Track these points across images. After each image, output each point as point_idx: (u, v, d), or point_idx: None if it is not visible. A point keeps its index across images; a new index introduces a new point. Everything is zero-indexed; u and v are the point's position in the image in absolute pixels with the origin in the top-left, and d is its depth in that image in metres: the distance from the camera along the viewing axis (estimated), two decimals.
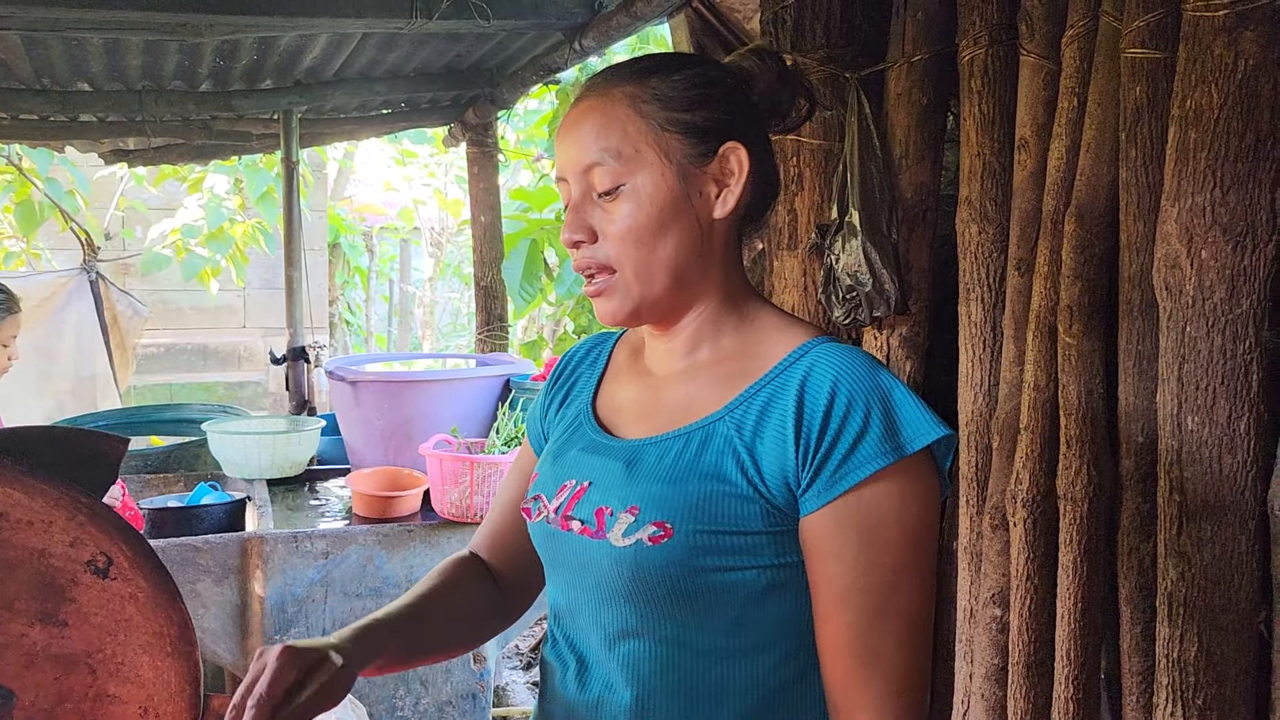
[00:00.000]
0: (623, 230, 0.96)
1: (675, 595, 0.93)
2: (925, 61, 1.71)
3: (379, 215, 10.17)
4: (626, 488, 0.96)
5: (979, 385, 1.65)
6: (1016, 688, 1.52)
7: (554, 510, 1.03)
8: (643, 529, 0.93)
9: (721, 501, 0.92)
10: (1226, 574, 1.27)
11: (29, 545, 1.13)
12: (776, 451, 0.92)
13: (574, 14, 2.95)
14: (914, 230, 1.75)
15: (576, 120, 0.99)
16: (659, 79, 0.98)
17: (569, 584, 1.03)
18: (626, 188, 0.96)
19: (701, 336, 1.02)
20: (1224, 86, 1.21)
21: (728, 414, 0.96)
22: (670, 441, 0.97)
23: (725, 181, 0.98)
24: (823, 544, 0.90)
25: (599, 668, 1.00)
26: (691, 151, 0.96)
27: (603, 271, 0.98)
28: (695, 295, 1.00)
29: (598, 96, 0.99)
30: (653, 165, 0.96)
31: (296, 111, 3.98)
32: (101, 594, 1.15)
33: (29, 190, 5.44)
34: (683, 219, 0.96)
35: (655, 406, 1.03)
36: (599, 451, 1.03)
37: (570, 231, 0.98)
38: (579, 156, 0.98)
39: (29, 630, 1.14)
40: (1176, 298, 1.28)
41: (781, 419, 0.93)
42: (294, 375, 4.03)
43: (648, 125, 0.96)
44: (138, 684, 1.16)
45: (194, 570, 2.48)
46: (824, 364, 0.94)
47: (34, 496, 1.13)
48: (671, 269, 0.97)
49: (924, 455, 0.91)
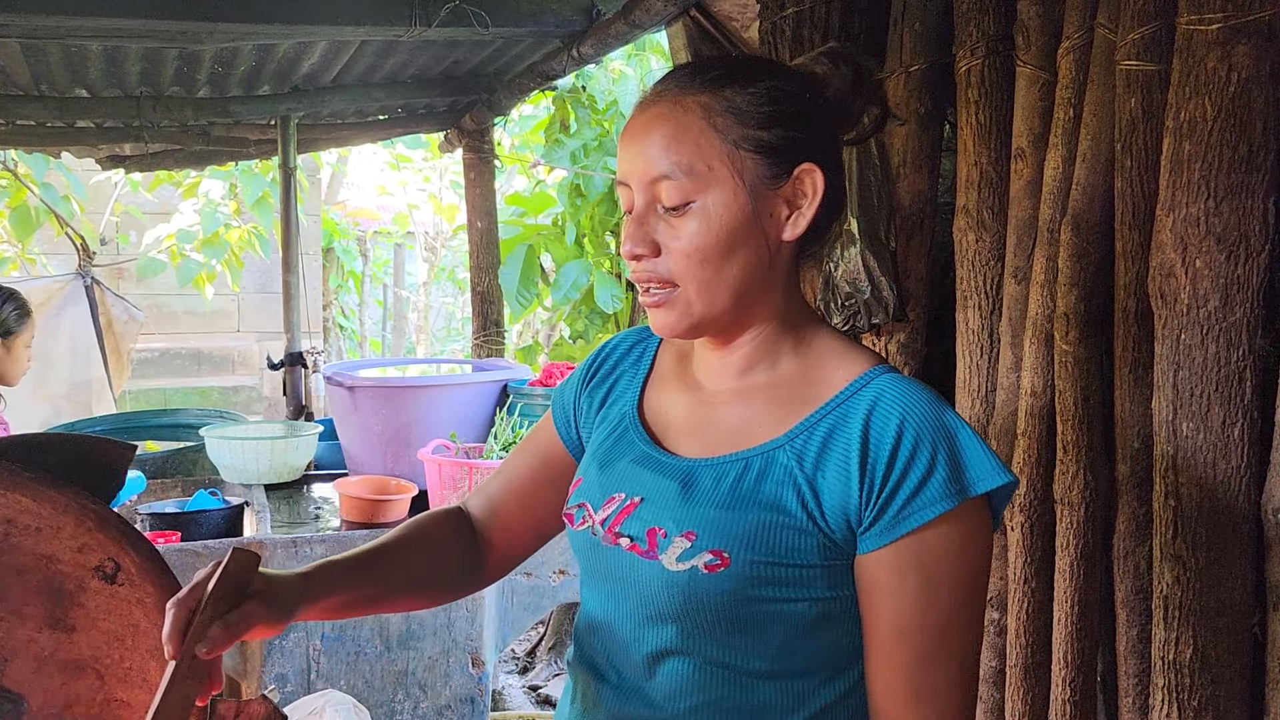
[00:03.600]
0: (689, 249, 0.92)
1: (725, 622, 0.92)
2: (923, 71, 1.73)
3: (373, 220, 10.15)
4: (682, 510, 0.94)
5: (976, 392, 1.66)
6: (1014, 690, 1.54)
7: (600, 523, 1.00)
8: (699, 556, 0.92)
9: (779, 533, 0.91)
10: (1221, 577, 1.29)
11: (37, 551, 1.14)
12: (839, 487, 0.90)
13: (572, 21, 2.96)
14: (912, 238, 1.77)
15: (645, 127, 0.94)
16: (735, 90, 0.93)
17: (610, 598, 1.01)
18: (696, 205, 0.92)
19: (758, 357, 0.99)
20: (1217, 99, 1.23)
21: (788, 443, 0.94)
22: (728, 465, 0.95)
23: (798, 203, 0.94)
24: (881, 582, 0.89)
25: (637, 684, 0.99)
26: (766, 172, 0.93)
27: (664, 285, 0.95)
28: (755, 315, 0.98)
29: (669, 104, 0.94)
30: (725, 184, 0.92)
31: (294, 117, 3.99)
32: (109, 599, 1.16)
33: (24, 195, 5.43)
34: (752, 241, 0.93)
35: (709, 424, 1.00)
36: (651, 466, 1.00)
37: (633, 244, 0.94)
38: (646, 167, 0.94)
39: (37, 636, 1.15)
40: (1171, 306, 1.30)
41: (845, 453, 0.91)
42: (291, 380, 4.03)
43: (722, 141, 0.92)
44: (145, 689, 1.16)
45: (193, 575, 2.48)
46: (889, 398, 0.91)
47: (42, 502, 1.14)
48: (735, 289, 0.94)
49: (983, 500, 0.90)
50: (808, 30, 1.83)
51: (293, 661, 2.56)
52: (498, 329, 4.54)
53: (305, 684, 2.56)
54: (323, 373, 3.39)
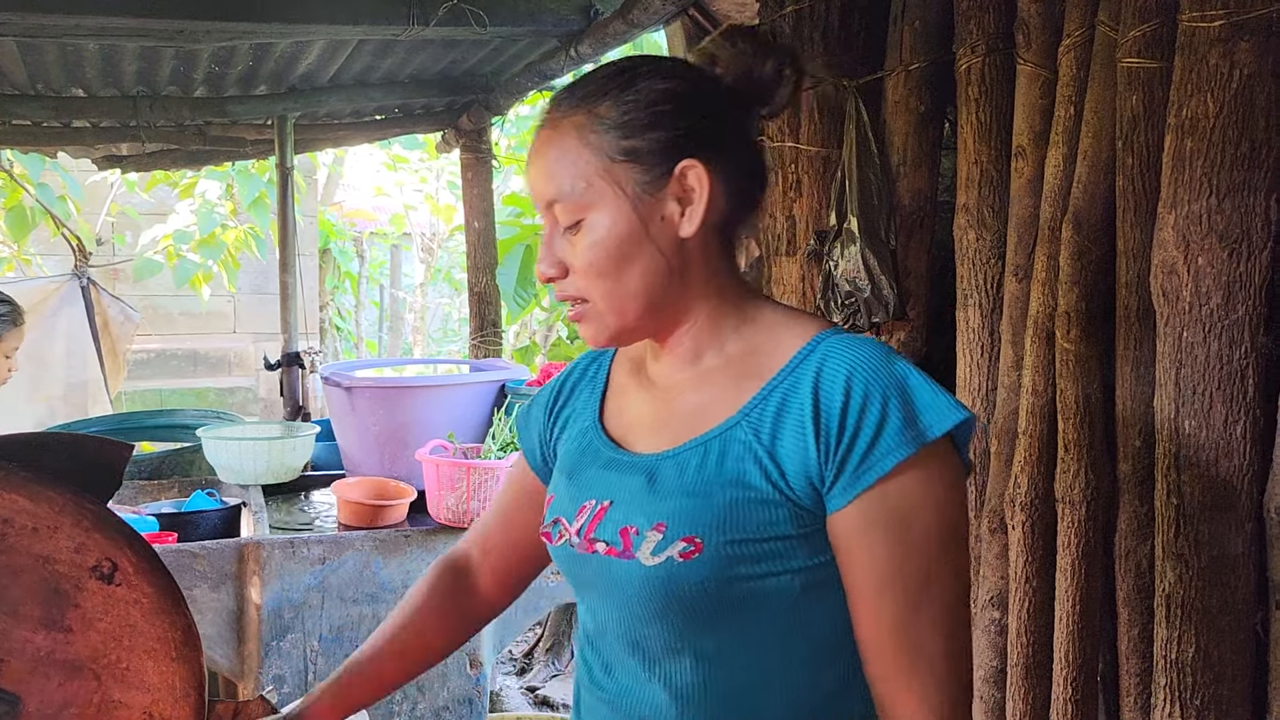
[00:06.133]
0: (586, 265, 0.95)
1: (712, 609, 0.92)
2: (923, 69, 1.72)
3: (369, 220, 10.14)
4: (650, 504, 0.95)
5: (977, 390, 1.66)
6: (1015, 689, 1.53)
7: (576, 533, 1.01)
8: (672, 546, 0.92)
9: (748, 509, 0.91)
10: (1224, 576, 1.28)
11: (34, 551, 1.13)
12: (797, 451, 0.91)
13: (570, 21, 2.96)
14: (912, 236, 1.77)
15: (535, 154, 0.99)
16: (608, 104, 0.95)
17: (600, 606, 1.01)
18: (585, 221, 0.95)
19: (703, 343, 1.00)
20: (1219, 96, 1.23)
21: (743, 418, 0.95)
22: (689, 453, 0.96)
23: (689, 199, 0.95)
24: (853, 539, 0.89)
25: (640, 689, 0.98)
26: (645, 178, 0.94)
27: (578, 301, 0.98)
28: (681, 310, 0.99)
29: (550, 128, 0.97)
30: (606, 198, 0.94)
31: (291, 117, 3.98)
32: (106, 600, 1.15)
33: (20, 195, 5.41)
34: (646, 247, 0.95)
35: (668, 417, 1.01)
36: (616, 468, 1.01)
37: (543, 267, 0.98)
38: (539, 192, 0.98)
39: (34, 636, 1.14)
40: (1173, 304, 1.29)
41: (799, 417, 0.91)
42: (288, 381, 4.02)
43: (595, 156, 0.94)
44: (143, 689, 1.16)
45: (190, 576, 2.47)
46: (836, 357, 0.92)
47: (39, 503, 1.13)
48: (642, 296, 0.96)
49: (945, 440, 0.89)
50: (807, 28, 1.83)
51: (290, 662, 2.55)
52: (495, 329, 4.53)
53: (303, 685, 2.55)
54: (320, 373, 3.38)
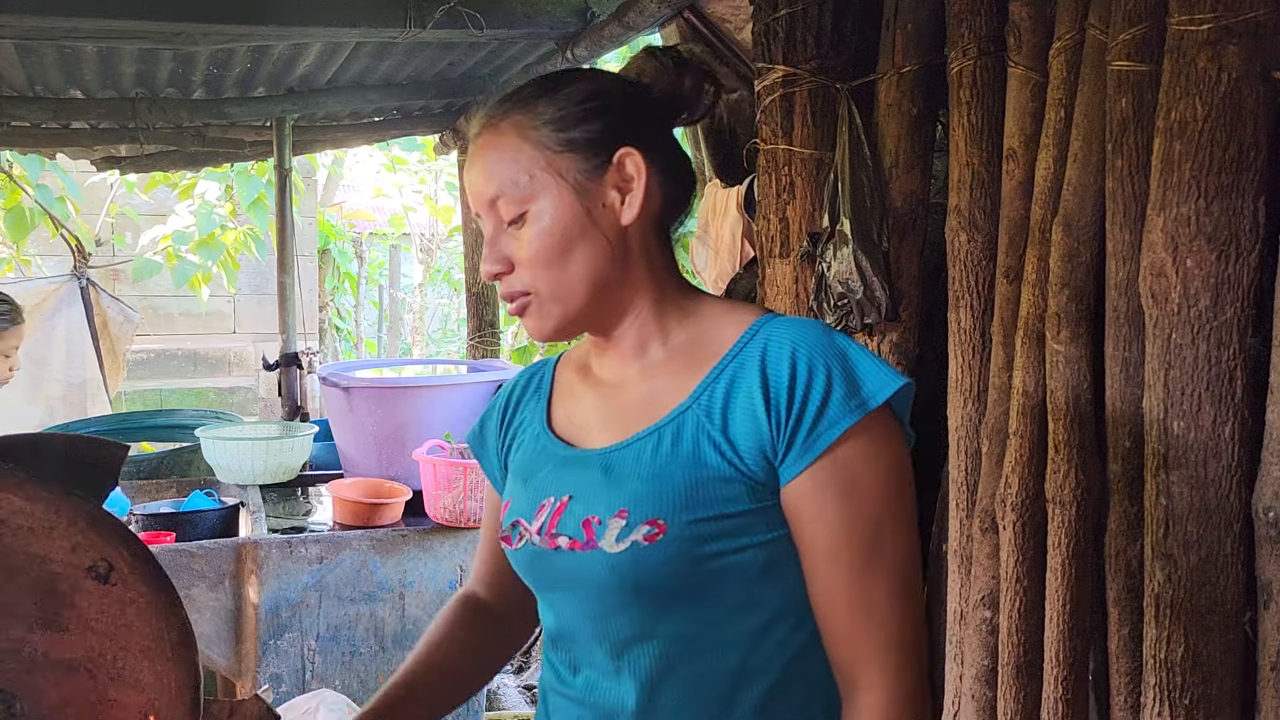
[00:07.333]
0: (532, 255, 0.98)
1: (678, 591, 0.94)
2: (915, 72, 1.73)
3: (368, 221, 10.15)
4: (610, 493, 0.96)
5: (968, 391, 1.67)
6: (1006, 689, 1.54)
7: (537, 531, 1.01)
8: (636, 530, 0.93)
9: (706, 486, 0.94)
10: (1212, 576, 1.29)
11: (29, 551, 1.14)
12: (750, 428, 0.94)
13: (566, 24, 2.96)
14: (904, 238, 1.78)
15: (474, 159, 1.02)
16: (545, 103, 0.99)
17: (564, 604, 1.02)
18: (530, 213, 0.98)
19: (647, 336, 1.03)
20: (1208, 99, 1.23)
21: (694, 402, 0.97)
22: (643, 441, 0.98)
23: (628, 187, 0.99)
24: (805, 508, 0.93)
25: (607, 682, 0.99)
26: (585, 166, 0.98)
27: (522, 296, 1.00)
28: (625, 300, 1.02)
29: (489, 132, 1.01)
30: (549, 187, 0.97)
31: (289, 119, 3.99)
32: (102, 599, 1.16)
33: (19, 197, 5.42)
34: (590, 234, 0.98)
35: (618, 411, 1.03)
36: (571, 464, 1.02)
37: (489, 265, 1.00)
38: (481, 192, 1.00)
39: (29, 636, 1.14)
40: (1162, 305, 1.30)
41: (749, 397, 0.94)
42: (287, 381, 4.03)
43: (537, 150, 0.98)
44: (138, 689, 1.16)
45: (188, 575, 2.48)
46: (780, 335, 0.96)
47: (34, 502, 1.13)
48: (588, 282, 0.99)
49: (886, 409, 0.93)
50: (800, 31, 1.84)
51: (287, 661, 2.56)
52: (493, 330, 4.54)
53: (300, 684, 2.56)
54: (318, 373, 3.39)
